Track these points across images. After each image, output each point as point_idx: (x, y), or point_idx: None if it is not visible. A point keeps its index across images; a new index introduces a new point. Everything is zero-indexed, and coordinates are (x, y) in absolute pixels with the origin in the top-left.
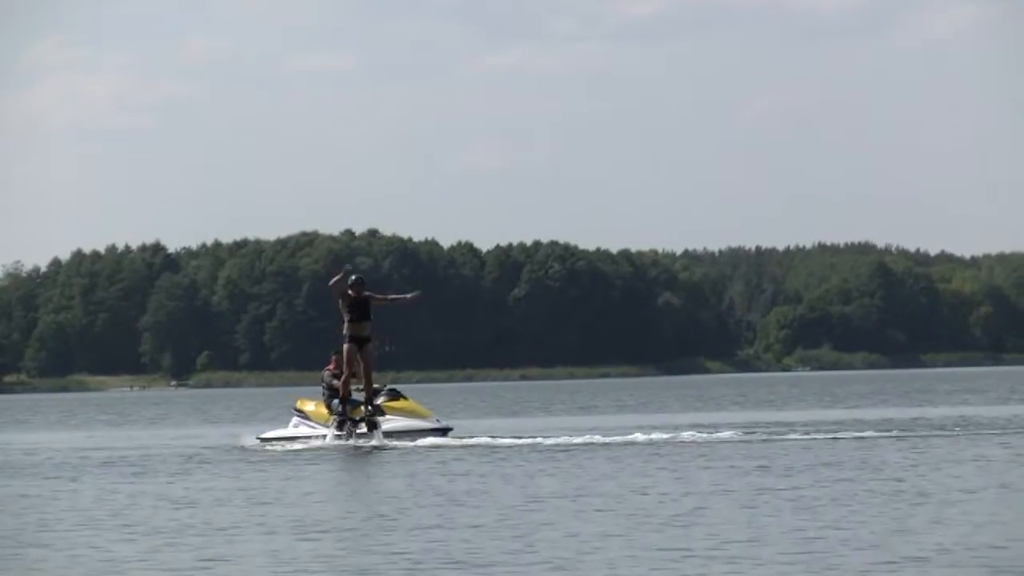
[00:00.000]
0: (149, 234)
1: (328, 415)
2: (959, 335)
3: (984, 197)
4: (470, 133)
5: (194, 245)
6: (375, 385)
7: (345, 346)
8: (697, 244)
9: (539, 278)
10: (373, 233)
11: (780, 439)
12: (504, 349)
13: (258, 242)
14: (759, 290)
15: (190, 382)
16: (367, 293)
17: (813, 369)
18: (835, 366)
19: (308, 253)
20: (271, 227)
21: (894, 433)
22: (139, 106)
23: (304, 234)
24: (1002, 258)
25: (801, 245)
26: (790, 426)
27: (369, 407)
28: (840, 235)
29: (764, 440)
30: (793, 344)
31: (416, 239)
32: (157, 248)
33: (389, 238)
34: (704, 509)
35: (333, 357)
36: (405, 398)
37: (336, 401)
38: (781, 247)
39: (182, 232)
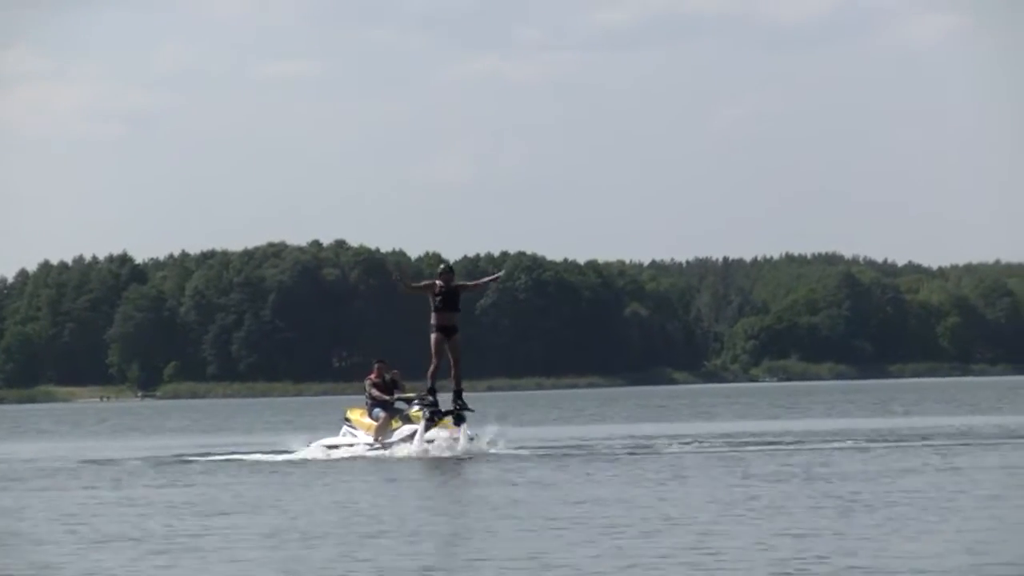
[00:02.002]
0: (116, 245)
1: (370, 424)
2: (926, 346)
3: (952, 208)
4: (438, 143)
5: (161, 256)
6: (410, 394)
7: (432, 336)
8: (664, 255)
9: (506, 288)
10: (340, 244)
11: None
12: (471, 360)
13: (225, 253)
14: (726, 301)
15: (157, 393)
16: (457, 283)
17: (780, 380)
18: (802, 376)
19: (275, 264)
20: (238, 238)
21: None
22: (106, 116)
23: (271, 245)
24: (969, 269)
25: (768, 256)
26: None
27: (458, 401)
28: (807, 246)
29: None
30: (760, 355)
31: (384, 249)
32: (124, 259)
33: (356, 249)
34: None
35: (375, 366)
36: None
37: (418, 399)
38: (748, 258)
39: (149, 243)
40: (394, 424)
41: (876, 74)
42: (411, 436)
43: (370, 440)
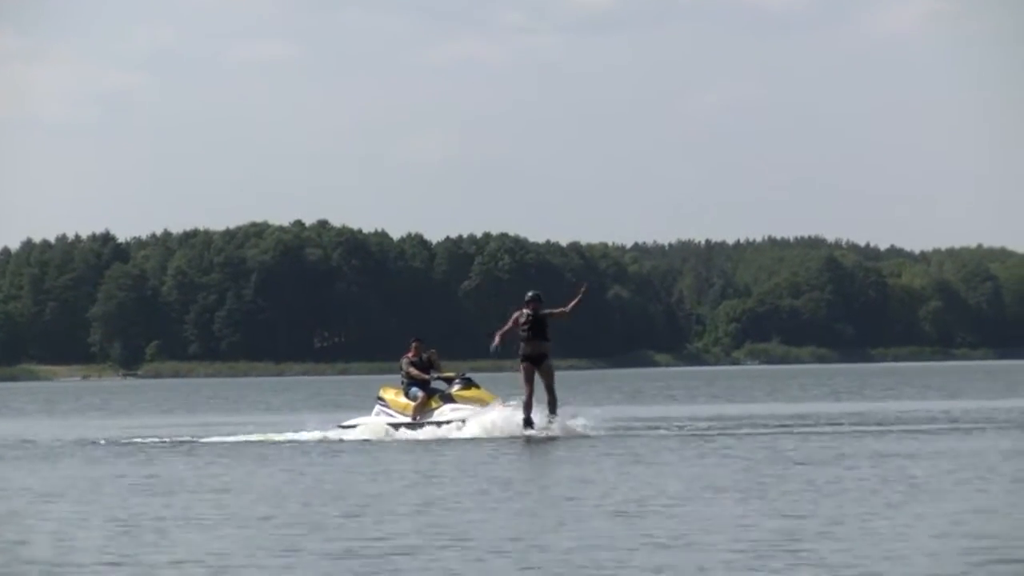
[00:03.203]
0: (99, 224)
1: (406, 404)
2: (908, 330)
3: (934, 192)
4: (420, 124)
5: (144, 235)
6: (449, 373)
7: (522, 366)
8: (647, 237)
9: (489, 270)
10: (323, 224)
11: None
12: (454, 341)
13: (207, 232)
14: (708, 284)
15: (139, 372)
16: (545, 311)
17: (762, 363)
18: (784, 360)
19: (256, 244)
20: (221, 218)
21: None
22: (89, 96)
23: (253, 224)
24: (952, 253)
25: (751, 239)
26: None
27: (551, 421)
28: (790, 229)
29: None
30: (742, 338)
31: (366, 230)
32: (107, 238)
33: (339, 229)
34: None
35: (413, 344)
36: (477, 387)
37: (521, 419)
38: (731, 241)
39: (132, 222)
40: (433, 403)
41: (858, 59)
42: (455, 419)
43: (407, 420)
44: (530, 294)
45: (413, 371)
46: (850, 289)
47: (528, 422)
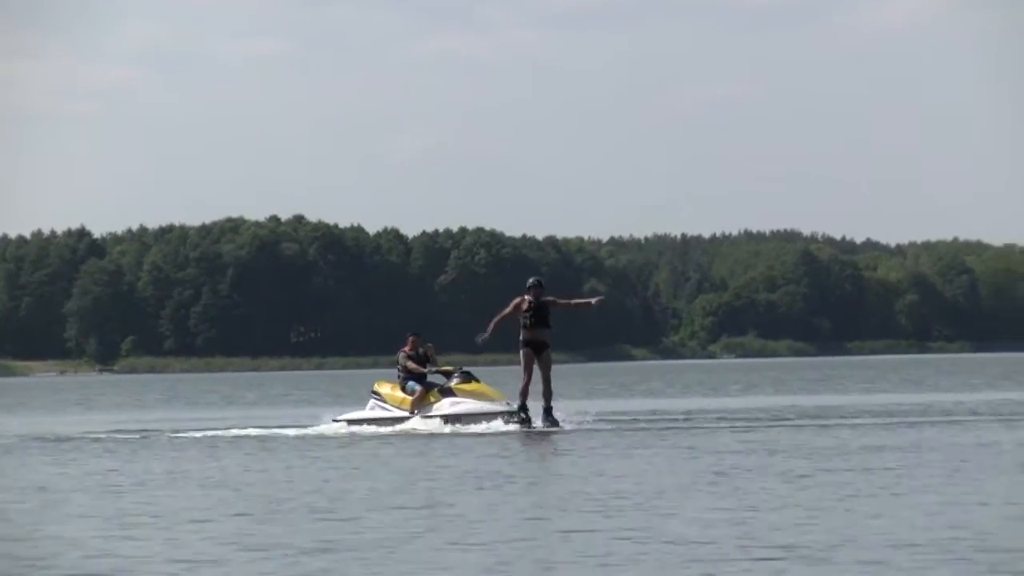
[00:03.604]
0: (74, 219)
1: (402, 398)
2: (885, 323)
3: (910, 185)
4: (397, 119)
5: (119, 230)
6: (447, 367)
7: (521, 352)
8: (623, 231)
9: (465, 264)
10: (299, 219)
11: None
12: (430, 335)
13: (183, 228)
14: (684, 277)
15: (115, 367)
16: (547, 298)
17: (738, 357)
18: (760, 353)
19: (232, 239)
20: (197, 213)
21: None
22: (67, 92)
23: (229, 220)
24: (928, 246)
25: (727, 232)
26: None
27: (548, 419)
28: (766, 223)
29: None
30: (718, 331)
31: (342, 225)
32: (82, 233)
33: (315, 224)
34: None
35: (409, 338)
36: (477, 380)
37: (515, 406)
38: (707, 234)
39: (107, 218)
40: (431, 398)
41: (836, 54)
42: (464, 412)
43: (404, 414)
44: (532, 280)
45: (411, 365)
46: (826, 282)
47: (523, 408)
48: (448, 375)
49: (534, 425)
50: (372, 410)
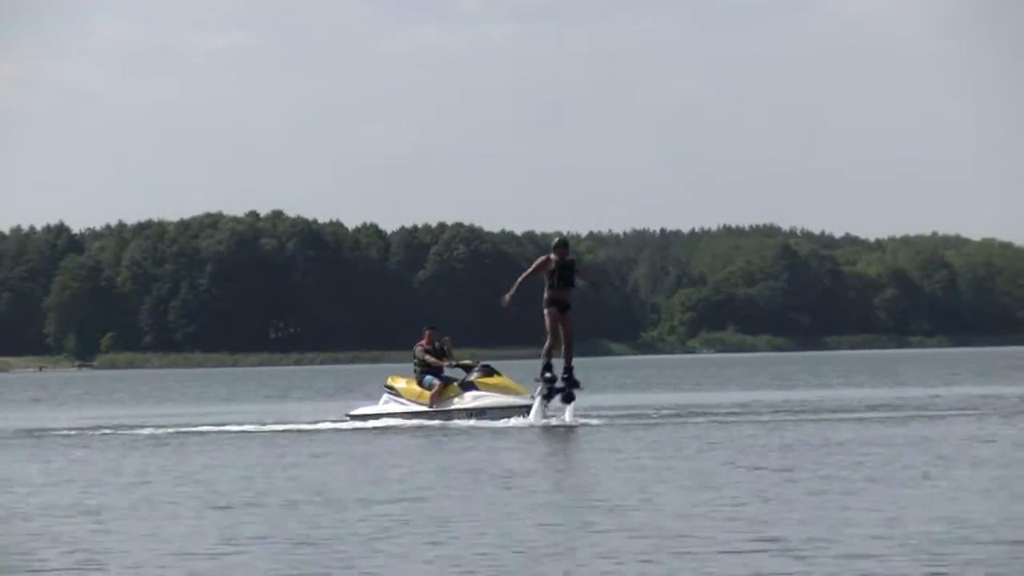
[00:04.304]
0: (53, 215)
1: (420, 392)
2: (863, 318)
3: (889, 180)
4: (375, 114)
5: (98, 226)
6: (467, 361)
7: (546, 311)
8: (602, 226)
9: (444, 260)
10: (278, 215)
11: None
12: (409, 331)
13: (162, 223)
14: (664, 272)
15: (94, 363)
16: (571, 258)
17: (717, 351)
18: (739, 348)
19: (211, 234)
20: (176, 209)
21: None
22: (43, 86)
23: (208, 215)
24: (906, 241)
25: (706, 227)
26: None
27: (569, 379)
28: (745, 218)
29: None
30: (697, 326)
31: (321, 220)
32: (61, 229)
33: (294, 220)
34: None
35: (426, 332)
36: (499, 374)
37: (541, 376)
38: (686, 229)
39: (86, 214)
40: (451, 391)
41: (813, 49)
42: (488, 406)
43: (422, 408)
44: (557, 239)
45: (429, 359)
46: (805, 277)
47: (547, 368)
48: (468, 369)
49: (557, 385)
50: (387, 404)
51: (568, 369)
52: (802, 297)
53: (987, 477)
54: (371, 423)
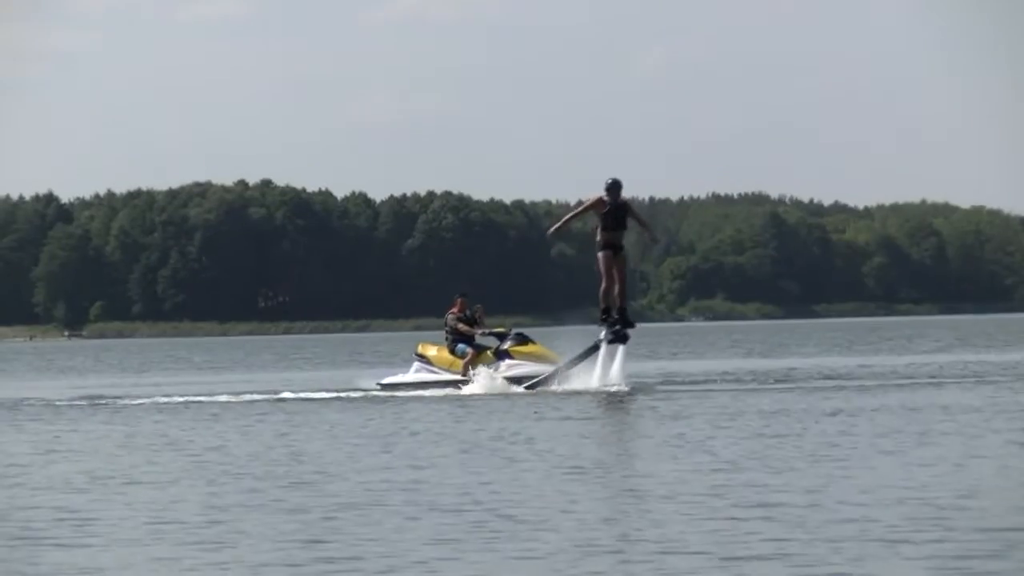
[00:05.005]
0: (42, 185)
1: (452, 360)
2: (853, 285)
3: (878, 147)
4: (364, 83)
5: (87, 196)
6: (500, 328)
7: (600, 254)
8: (591, 195)
9: (433, 229)
10: (266, 183)
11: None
12: (398, 299)
13: (151, 192)
14: (653, 240)
15: (83, 332)
16: (624, 200)
17: (707, 320)
18: (728, 316)
19: (200, 203)
20: (165, 177)
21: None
22: (32, 56)
23: (197, 184)
24: (896, 208)
25: (695, 196)
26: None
27: (617, 314)
28: (734, 186)
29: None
30: (686, 294)
31: (310, 189)
32: (50, 199)
33: (282, 188)
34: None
35: (458, 300)
36: (533, 342)
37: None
38: (675, 198)
39: (75, 183)
40: (485, 360)
41: (801, 14)
42: (523, 375)
43: (455, 376)
44: (610, 180)
45: (462, 327)
46: (794, 245)
47: (607, 311)
48: (501, 337)
49: (615, 328)
50: (418, 373)
51: (622, 310)
52: (791, 265)
53: None
54: (402, 392)
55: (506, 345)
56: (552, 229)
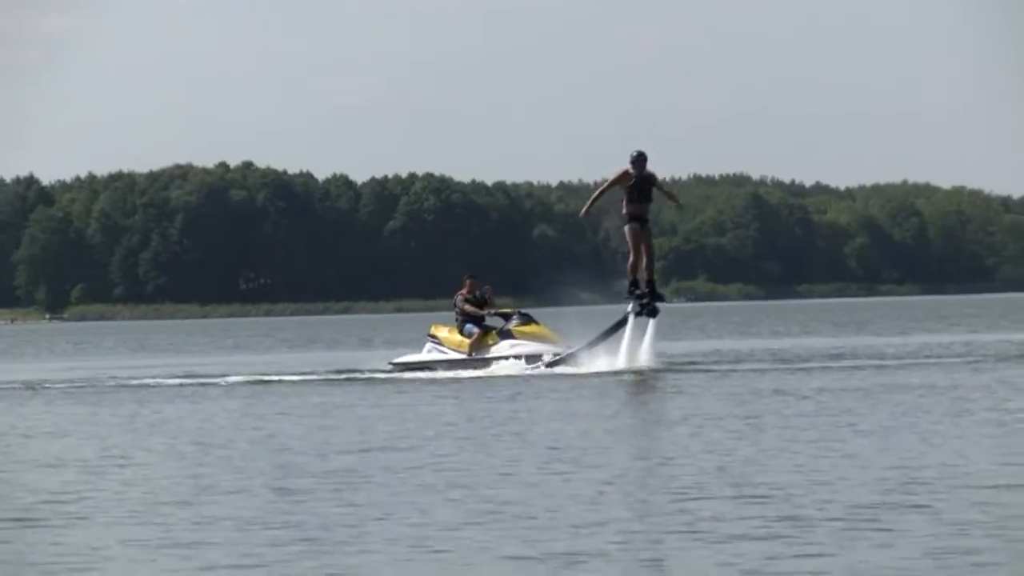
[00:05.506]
0: (23, 167)
1: (460, 341)
2: (834, 266)
3: (859, 128)
4: (345, 65)
5: (68, 178)
6: (507, 309)
7: (627, 227)
8: (572, 176)
9: (415, 211)
10: (248, 166)
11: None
12: (379, 282)
13: (131, 175)
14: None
15: (64, 315)
16: (650, 172)
17: (689, 301)
18: (711, 297)
19: (181, 185)
20: (146, 160)
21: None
22: (13, 40)
23: (178, 166)
24: (877, 189)
25: (676, 177)
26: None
27: (648, 289)
28: (715, 166)
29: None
30: (668, 276)
31: (291, 171)
32: (31, 181)
33: (263, 171)
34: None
35: (467, 281)
36: (537, 323)
37: (631, 292)
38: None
39: (56, 165)
40: (489, 340)
41: None
42: (522, 355)
43: (462, 356)
44: (635, 153)
45: (468, 308)
46: (775, 226)
47: (635, 284)
48: (507, 317)
49: (643, 302)
50: (429, 353)
51: (651, 283)
52: (773, 246)
53: None
54: (414, 372)
55: (510, 325)
56: (584, 210)
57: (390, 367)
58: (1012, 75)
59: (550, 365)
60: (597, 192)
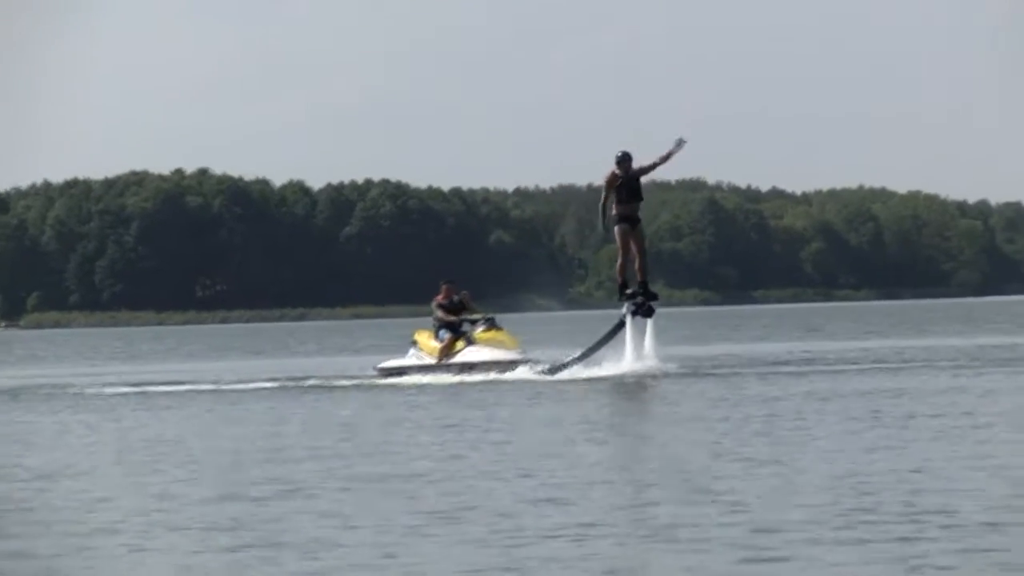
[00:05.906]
0: None
1: (434, 347)
2: (791, 272)
3: (816, 133)
4: (300, 70)
5: (23, 185)
6: (476, 315)
7: (616, 228)
8: (528, 182)
9: (371, 217)
10: (203, 172)
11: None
12: (336, 287)
13: (87, 182)
14: (591, 227)
15: (20, 323)
16: (636, 169)
17: None
18: (666, 303)
19: (137, 192)
20: (101, 167)
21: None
22: None
23: (134, 173)
24: (833, 194)
25: None
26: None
27: (646, 292)
28: (671, 172)
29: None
30: None
31: (247, 178)
32: None
33: (219, 177)
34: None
35: (443, 287)
36: (499, 329)
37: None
38: None
39: (11, 172)
40: (457, 346)
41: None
42: (476, 361)
43: (433, 362)
44: (619, 153)
45: (440, 313)
46: (731, 231)
47: (625, 286)
48: (475, 323)
49: (637, 300)
50: (410, 358)
51: (644, 283)
52: (729, 251)
53: None
54: (394, 378)
55: (474, 331)
56: (602, 227)
57: (375, 372)
58: (967, 79)
59: (551, 372)
60: (600, 204)
